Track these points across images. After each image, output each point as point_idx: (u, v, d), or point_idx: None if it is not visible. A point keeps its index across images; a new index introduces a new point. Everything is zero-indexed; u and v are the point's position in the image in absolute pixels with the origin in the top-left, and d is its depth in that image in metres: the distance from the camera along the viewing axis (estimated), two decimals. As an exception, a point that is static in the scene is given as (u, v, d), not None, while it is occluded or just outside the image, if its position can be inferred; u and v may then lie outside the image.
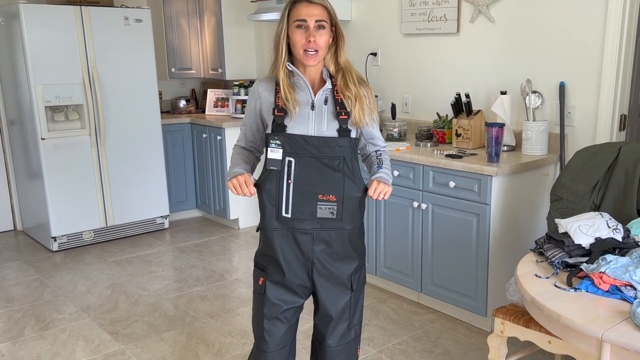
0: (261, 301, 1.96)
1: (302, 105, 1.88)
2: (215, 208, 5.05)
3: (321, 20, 1.84)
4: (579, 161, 2.57)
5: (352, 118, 1.89)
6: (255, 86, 1.98)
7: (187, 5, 5.27)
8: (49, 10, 4.19)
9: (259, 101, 1.95)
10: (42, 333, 3.17)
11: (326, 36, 1.86)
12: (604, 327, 1.59)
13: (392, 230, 3.42)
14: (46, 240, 4.53)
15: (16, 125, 4.67)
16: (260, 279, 1.96)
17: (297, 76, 1.91)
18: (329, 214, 1.87)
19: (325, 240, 1.90)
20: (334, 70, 1.94)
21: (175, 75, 5.38)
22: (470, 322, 3.19)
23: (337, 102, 1.90)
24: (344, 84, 1.91)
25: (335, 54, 1.93)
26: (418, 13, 3.77)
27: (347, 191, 1.88)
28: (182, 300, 3.57)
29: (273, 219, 1.89)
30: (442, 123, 3.57)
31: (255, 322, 2.01)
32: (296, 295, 1.95)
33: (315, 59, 1.86)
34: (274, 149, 1.82)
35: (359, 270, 2.00)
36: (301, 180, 1.86)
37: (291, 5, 1.87)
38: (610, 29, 2.90)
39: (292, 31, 1.86)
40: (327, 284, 1.94)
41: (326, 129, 1.88)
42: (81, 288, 3.78)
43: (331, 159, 1.86)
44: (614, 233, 2.01)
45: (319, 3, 1.86)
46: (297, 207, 1.87)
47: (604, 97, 2.97)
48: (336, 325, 1.99)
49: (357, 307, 2.02)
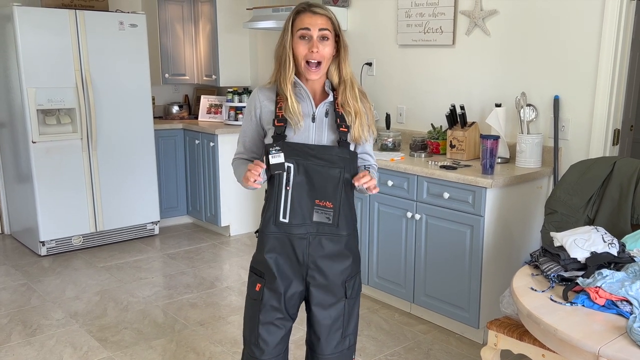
0: (257, 307, 1.93)
1: (304, 117, 1.87)
2: (207, 214, 5.02)
3: (324, 29, 1.83)
4: (574, 175, 2.58)
5: (352, 134, 1.89)
6: (256, 94, 1.96)
7: (183, 11, 5.26)
8: (43, 13, 4.16)
9: (259, 109, 1.94)
10: (29, 339, 3.12)
11: (330, 47, 1.85)
12: (601, 342, 1.59)
13: (385, 240, 3.41)
14: (34, 244, 4.48)
15: (7, 128, 4.62)
16: (258, 285, 1.93)
17: (299, 87, 1.90)
18: (325, 219, 1.87)
19: (321, 245, 1.88)
20: (337, 82, 1.92)
21: (168, 80, 5.35)
22: (462, 333, 3.19)
23: (338, 115, 1.89)
24: (345, 99, 1.89)
25: (338, 66, 1.91)
26: (414, 24, 3.79)
27: (344, 199, 1.88)
28: (171, 308, 3.53)
29: (271, 223, 1.88)
30: (437, 134, 3.57)
31: (249, 329, 1.97)
32: (290, 307, 1.94)
33: (317, 73, 1.86)
34: (275, 155, 1.79)
35: (354, 277, 1.97)
36: (300, 186, 1.85)
37: (295, 15, 1.86)
38: (605, 44, 2.93)
39: (295, 42, 1.84)
40: (321, 290, 1.92)
41: (326, 141, 1.88)
42: (69, 294, 3.73)
43: (331, 167, 1.85)
44: (609, 247, 2.02)
45: (322, 13, 1.85)
46: (294, 212, 1.86)
47: (598, 112, 3.00)
48: (329, 333, 1.96)
49: (352, 316, 1.99)
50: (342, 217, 1.88)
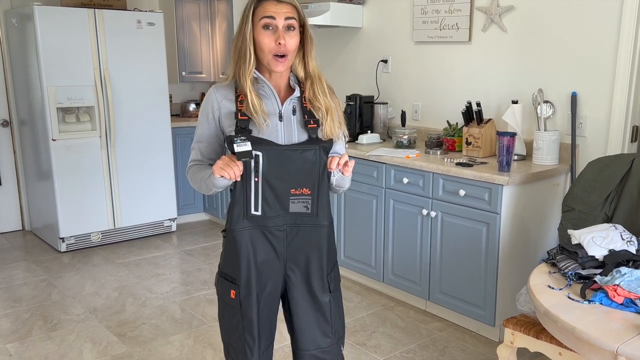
0: (237, 316, 1.77)
1: (270, 116, 1.71)
2: (222, 212, 5.06)
3: (290, 18, 1.66)
4: (592, 172, 2.56)
5: (324, 131, 1.74)
6: (212, 93, 1.76)
7: (199, 9, 5.29)
8: (63, 12, 4.21)
9: (217, 110, 1.76)
10: (49, 334, 3.17)
11: (296, 38, 1.69)
12: (619, 340, 1.58)
13: (400, 237, 3.41)
14: (54, 240, 4.55)
15: (27, 126, 4.69)
16: (232, 292, 1.76)
17: (261, 83, 1.73)
18: (303, 209, 1.71)
19: (300, 238, 1.74)
20: (303, 77, 1.77)
21: (185, 78, 5.39)
22: (477, 331, 3.18)
23: (305, 111, 1.74)
24: (314, 94, 1.75)
25: (303, 59, 1.75)
26: (430, 21, 3.78)
27: (322, 184, 1.72)
28: (189, 304, 3.57)
29: (241, 218, 1.71)
30: (452, 131, 3.56)
31: (234, 338, 1.80)
32: (270, 309, 1.81)
33: (284, 65, 1.68)
34: (241, 144, 1.61)
35: (334, 269, 1.85)
36: (270, 175, 1.68)
37: (256, 3, 1.67)
38: (624, 40, 2.90)
39: (257, 32, 1.66)
40: (301, 286, 1.78)
41: (297, 141, 1.73)
42: (89, 289, 3.79)
43: (305, 150, 1.69)
44: (627, 245, 2.00)
45: (287, 1, 1.67)
46: (267, 203, 1.70)
47: (616, 108, 2.97)
48: (315, 329, 1.81)
49: (338, 308, 1.87)
50: (321, 205, 1.73)
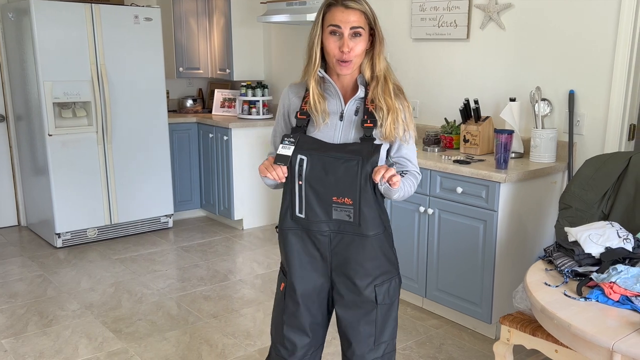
0: (281, 308, 1.87)
1: (331, 115, 1.77)
2: (220, 208, 5.05)
3: (357, 27, 1.70)
4: (589, 170, 2.56)
5: (383, 131, 1.74)
6: (286, 91, 1.89)
7: (197, 5, 5.27)
8: (60, 6, 4.19)
9: (288, 107, 1.87)
10: (45, 329, 3.16)
11: (362, 44, 1.72)
12: (615, 337, 1.58)
13: (397, 234, 3.40)
14: (50, 236, 4.53)
15: (23, 121, 4.67)
16: (282, 284, 1.86)
17: (328, 83, 1.79)
18: (345, 217, 1.74)
19: (345, 244, 1.76)
20: (369, 77, 1.78)
21: (182, 74, 5.38)
22: (474, 328, 3.18)
23: (367, 112, 1.75)
24: (377, 94, 1.75)
25: (371, 60, 1.77)
26: (428, 18, 3.77)
27: (364, 194, 1.72)
28: (185, 300, 3.57)
29: (288, 218, 1.79)
30: (450, 128, 3.56)
31: (275, 326, 1.91)
32: (314, 309, 1.84)
33: (348, 69, 1.73)
34: (286, 146, 1.71)
35: (388, 281, 1.82)
36: (313, 181, 1.73)
37: (326, 8, 1.73)
38: (622, 39, 2.89)
39: (325, 37, 1.72)
40: (346, 292, 1.80)
41: (352, 141, 1.76)
42: (84, 285, 3.78)
43: (348, 160, 1.71)
44: (624, 243, 2.00)
45: (356, 8, 1.70)
46: (311, 208, 1.75)
47: (613, 106, 2.97)
48: (360, 339, 1.82)
49: (387, 322, 1.84)
50: (364, 215, 1.73)
